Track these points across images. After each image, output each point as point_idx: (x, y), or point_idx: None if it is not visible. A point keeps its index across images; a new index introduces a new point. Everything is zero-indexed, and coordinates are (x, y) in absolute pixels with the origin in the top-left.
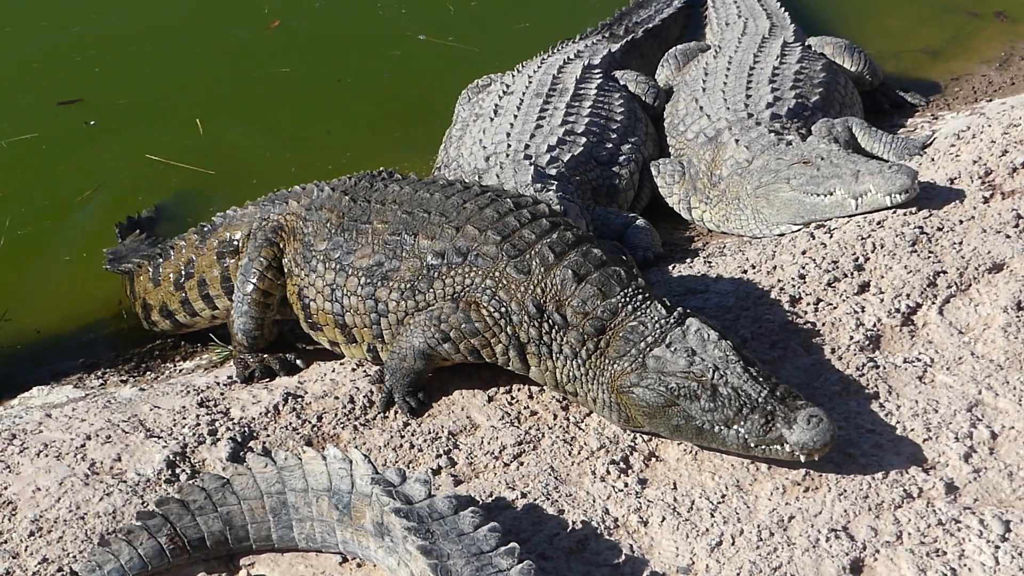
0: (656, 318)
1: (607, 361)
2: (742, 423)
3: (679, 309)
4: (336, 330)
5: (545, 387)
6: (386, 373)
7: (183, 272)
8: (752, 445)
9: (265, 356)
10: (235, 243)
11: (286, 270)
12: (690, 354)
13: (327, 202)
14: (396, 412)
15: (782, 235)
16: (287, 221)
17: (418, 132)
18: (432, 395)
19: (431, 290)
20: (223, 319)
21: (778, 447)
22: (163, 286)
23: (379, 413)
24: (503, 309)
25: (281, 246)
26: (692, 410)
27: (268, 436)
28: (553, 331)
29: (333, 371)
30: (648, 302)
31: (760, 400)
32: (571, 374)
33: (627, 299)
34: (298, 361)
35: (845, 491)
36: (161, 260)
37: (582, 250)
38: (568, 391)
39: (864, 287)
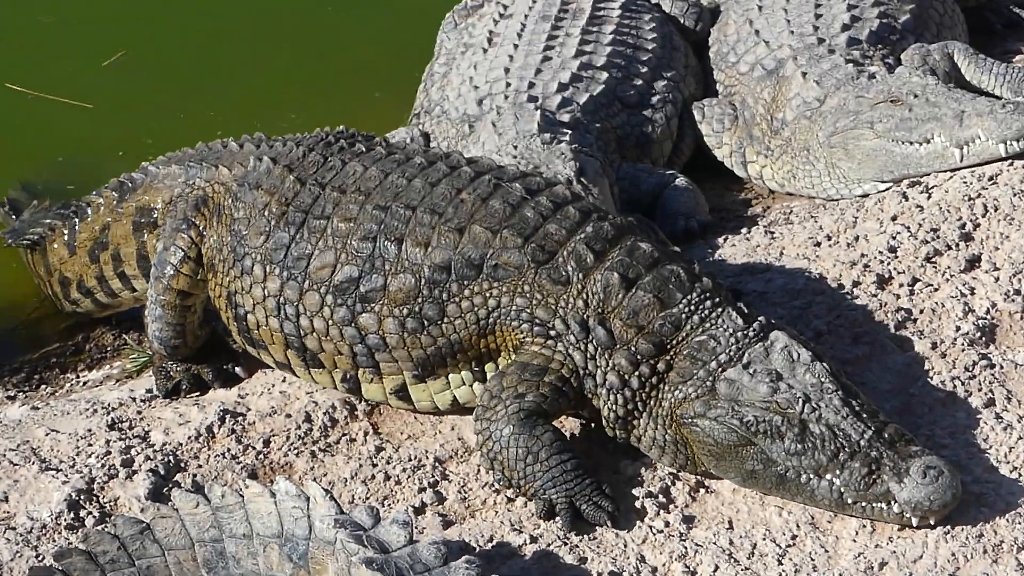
0: (731, 330)
1: (667, 388)
2: (838, 472)
3: (760, 319)
4: (290, 352)
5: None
6: (540, 493)
7: (98, 240)
8: (850, 501)
9: (193, 364)
10: (155, 213)
11: (206, 262)
12: (774, 379)
13: (265, 180)
14: (367, 438)
15: (865, 196)
16: (214, 193)
17: (387, 72)
18: (419, 414)
19: (446, 318)
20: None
21: (883, 505)
22: (79, 255)
23: (566, 533)
24: (552, 332)
25: (202, 228)
26: (773, 452)
27: (200, 467)
28: (599, 354)
29: (283, 381)
30: (720, 309)
31: (863, 443)
32: (614, 412)
33: (692, 307)
34: (237, 370)
35: (952, 529)
36: (77, 221)
37: (627, 246)
38: (620, 436)
39: (974, 262)
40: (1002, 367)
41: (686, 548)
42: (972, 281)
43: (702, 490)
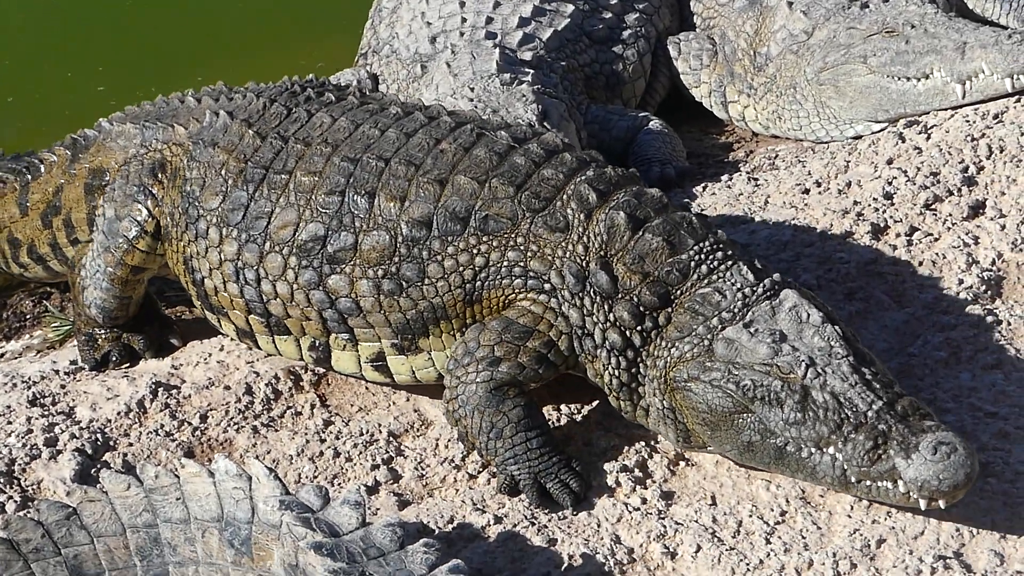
0: (739, 284)
1: (664, 344)
2: (841, 445)
3: (774, 275)
4: (253, 318)
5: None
6: (503, 467)
7: (51, 204)
8: (853, 479)
9: (124, 332)
10: (107, 176)
11: (162, 228)
12: (776, 339)
13: (222, 136)
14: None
15: (858, 138)
16: (172, 156)
17: (330, 8)
18: (371, 385)
19: (427, 279)
20: None
21: (887, 484)
22: (31, 217)
23: (531, 516)
24: (547, 287)
25: (160, 197)
26: (771, 421)
27: (131, 445)
28: (595, 307)
29: (221, 350)
30: (730, 262)
31: (871, 415)
32: (616, 376)
33: (703, 256)
34: (173, 340)
35: (956, 502)
36: (30, 178)
37: (634, 190)
38: (623, 405)
39: (977, 209)
40: (1009, 323)
41: (665, 527)
42: (976, 230)
43: (682, 463)
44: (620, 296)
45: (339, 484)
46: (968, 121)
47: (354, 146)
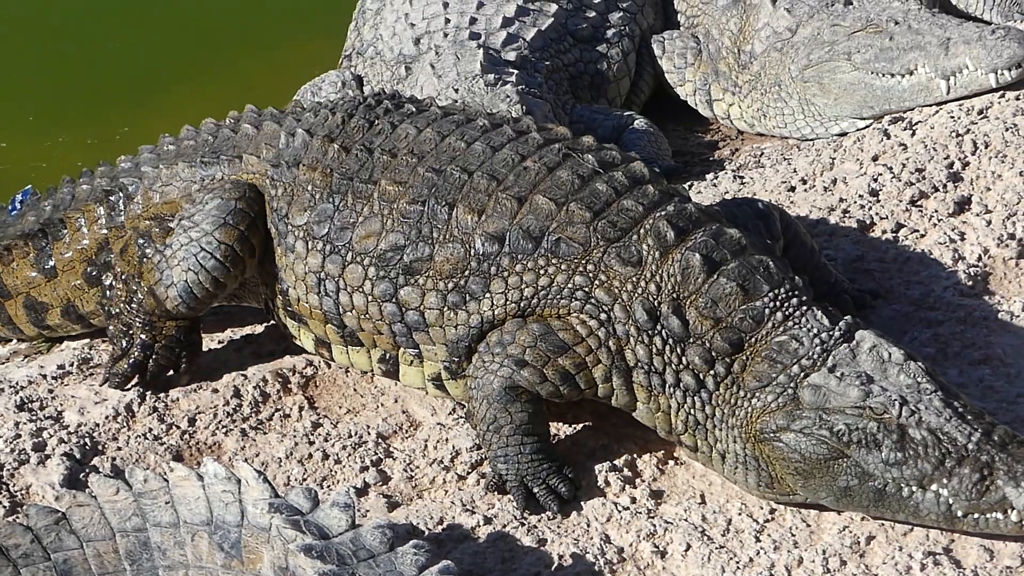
0: (816, 330)
1: (742, 394)
2: (945, 481)
3: (847, 318)
4: (330, 327)
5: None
6: (496, 464)
7: (97, 261)
8: (960, 513)
9: (167, 335)
10: (170, 224)
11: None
12: (865, 381)
13: (304, 155)
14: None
15: (843, 135)
16: (250, 182)
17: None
18: (360, 387)
19: (487, 294)
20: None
21: (998, 515)
22: (63, 279)
23: (520, 516)
24: (604, 315)
25: (251, 212)
26: (870, 464)
27: (119, 449)
28: (667, 348)
29: (207, 352)
30: (805, 307)
31: (971, 447)
32: (690, 417)
33: (778, 303)
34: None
35: None
36: (51, 242)
37: (713, 228)
38: (685, 443)
39: (963, 205)
40: (997, 319)
41: (655, 526)
42: (962, 226)
43: (671, 462)
44: (692, 340)
45: (328, 486)
46: (953, 117)
47: (439, 157)
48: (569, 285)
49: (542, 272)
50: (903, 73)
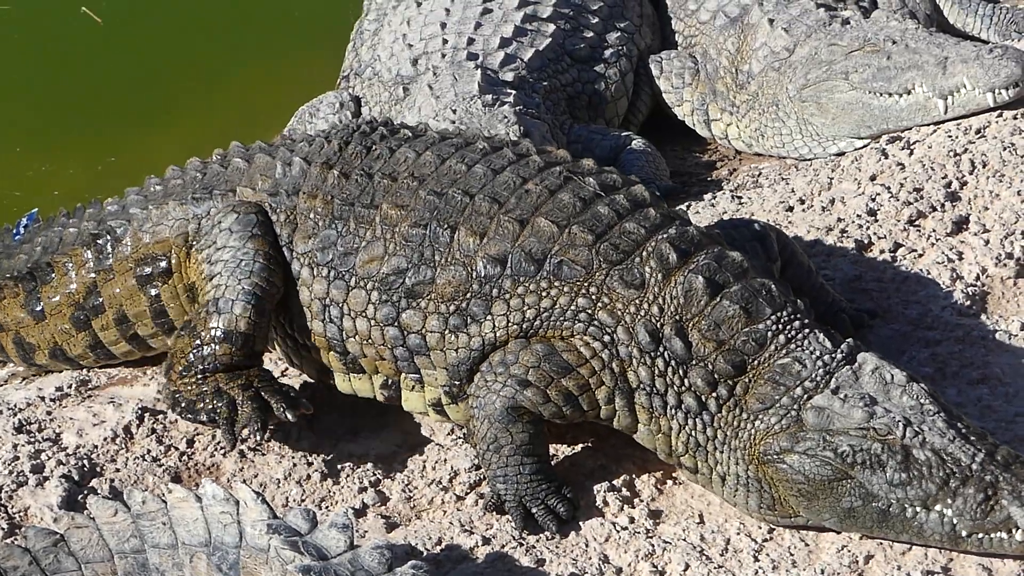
0: (818, 352)
1: (745, 416)
2: (950, 501)
3: (848, 340)
4: (332, 355)
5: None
6: (495, 484)
7: (85, 305)
8: (965, 533)
9: (253, 378)
10: (163, 261)
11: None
12: (868, 403)
13: (304, 182)
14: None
15: (841, 154)
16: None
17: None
18: (358, 408)
19: (489, 317)
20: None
21: (1003, 535)
22: (51, 322)
23: (519, 537)
24: (607, 337)
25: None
26: (874, 484)
27: (117, 471)
28: (669, 370)
29: None
30: (807, 330)
31: (975, 467)
32: (691, 439)
33: (780, 325)
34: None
35: None
36: (38, 285)
37: (715, 251)
38: (685, 465)
39: (961, 224)
40: (995, 338)
41: (653, 546)
42: (960, 245)
43: (669, 482)
44: (695, 362)
45: (327, 507)
46: (950, 136)
47: (440, 180)
48: (572, 307)
49: (544, 294)
50: (901, 92)
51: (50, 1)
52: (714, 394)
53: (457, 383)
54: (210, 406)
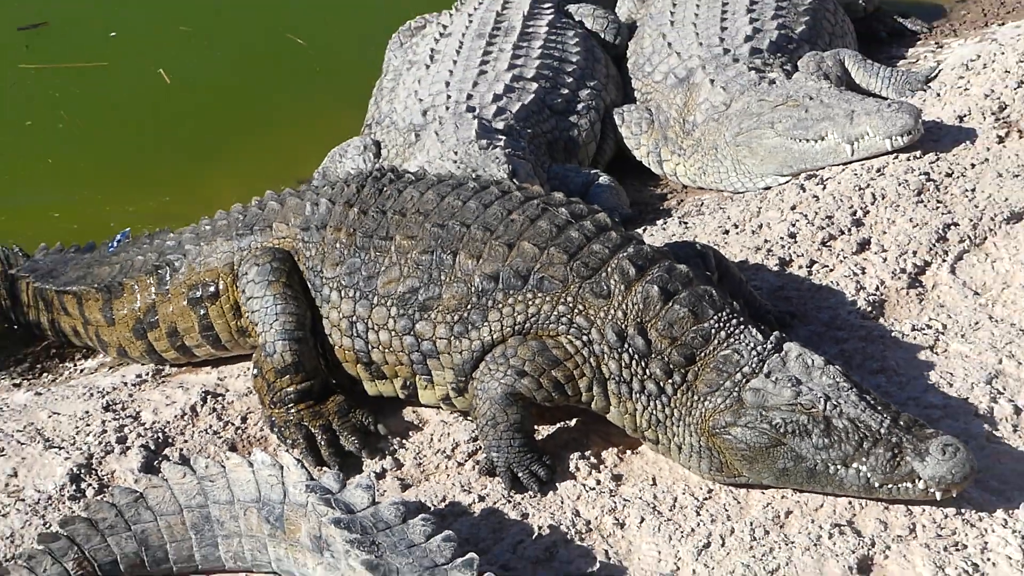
0: (751, 344)
1: (696, 398)
2: (864, 460)
3: (775, 334)
4: (359, 367)
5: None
6: (490, 452)
7: (143, 320)
8: (877, 485)
9: (329, 410)
10: (211, 286)
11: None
12: (794, 383)
13: (330, 218)
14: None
15: (768, 189)
16: (280, 247)
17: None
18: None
19: (486, 323)
20: (208, 357)
21: (908, 485)
22: (118, 328)
23: (508, 495)
24: (584, 337)
25: (284, 260)
26: (802, 449)
27: (185, 442)
28: (633, 362)
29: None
30: (742, 327)
31: (884, 431)
32: (652, 416)
33: (721, 323)
34: (378, 427)
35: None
36: (111, 297)
37: (666, 265)
38: (648, 438)
39: (864, 245)
40: (890, 337)
41: (615, 503)
42: (863, 262)
43: (628, 452)
44: (654, 356)
45: (353, 472)
46: (856, 174)
47: (441, 214)
48: (554, 313)
49: (530, 303)
50: (816, 139)
51: (134, 63)
52: (670, 381)
53: (463, 379)
54: (293, 437)
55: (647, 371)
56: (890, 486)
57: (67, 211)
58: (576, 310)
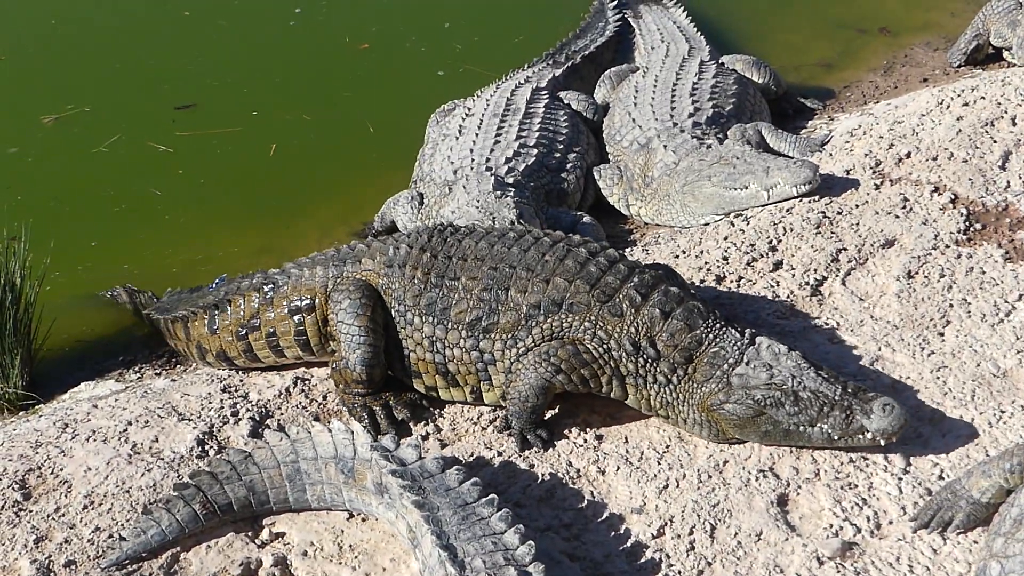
0: (733, 342)
1: (695, 385)
2: (825, 420)
3: (748, 331)
4: (437, 377)
5: (641, 411)
6: (511, 418)
7: (246, 325)
8: (836, 438)
9: (386, 395)
10: (308, 303)
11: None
12: (768, 368)
13: (408, 259)
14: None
15: (707, 224)
16: (366, 278)
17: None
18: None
19: (530, 336)
20: (283, 362)
21: (860, 436)
22: (221, 335)
23: (520, 452)
24: (604, 346)
25: (371, 296)
26: (779, 416)
27: (282, 414)
28: (648, 364)
29: None
30: (724, 329)
31: (837, 398)
32: (664, 400)
33: (708, 329)
34: (423, 402)
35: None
36: (218, 312)
37: (662, 289)
38: (661, 414)
39: (778, 265)
40: (800, 333)
41: (598, 456)
42: (778, 277)
43: (609, 419)
44: (662, 359)
45: (405, 435)
46: (771, 213)
47: (494, 259)
48: (582, 327)
49: (564, 322)
50: (741, 188)
51: (256, 136)
52: (675, 375)
53: (511, 379)
54: (360, 414)
55: (658, 369)
56: (847, 439)
57: (177, 257)
58: (598, 326)
